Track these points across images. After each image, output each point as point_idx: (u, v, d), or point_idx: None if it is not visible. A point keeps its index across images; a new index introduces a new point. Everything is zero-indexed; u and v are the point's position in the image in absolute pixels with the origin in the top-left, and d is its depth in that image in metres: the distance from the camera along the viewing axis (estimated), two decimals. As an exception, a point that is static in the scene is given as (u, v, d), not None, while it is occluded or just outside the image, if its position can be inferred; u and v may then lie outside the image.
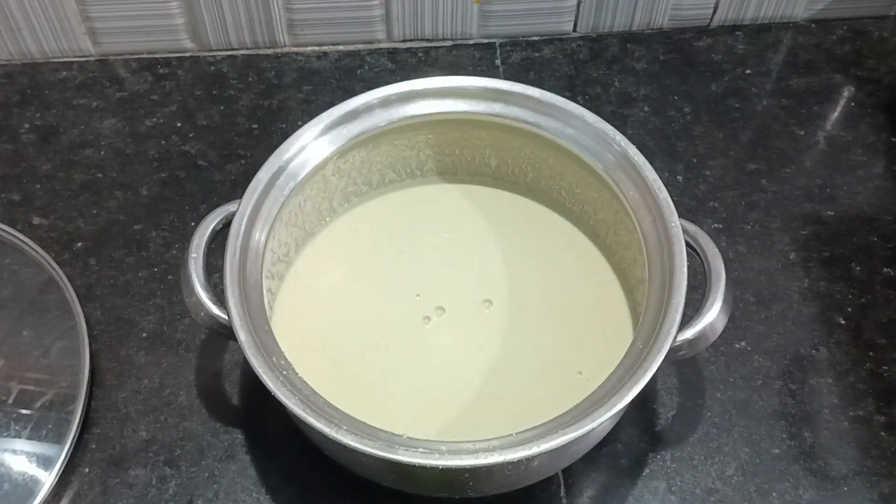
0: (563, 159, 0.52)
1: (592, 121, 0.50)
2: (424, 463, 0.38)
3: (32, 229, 0.61)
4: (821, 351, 0.56)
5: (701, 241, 0.46)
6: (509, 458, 0.38)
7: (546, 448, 0.38)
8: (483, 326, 0.51)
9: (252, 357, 0.41)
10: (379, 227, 0.55)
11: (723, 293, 0.44)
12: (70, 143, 0.67)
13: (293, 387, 0.41)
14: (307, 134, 0.50)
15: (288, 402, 0.40)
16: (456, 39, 0.74)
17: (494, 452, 0.39)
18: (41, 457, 0.50)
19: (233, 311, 0.43)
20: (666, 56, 0.73)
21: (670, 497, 0.50)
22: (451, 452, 0.39)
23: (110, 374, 0.55)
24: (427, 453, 0.39)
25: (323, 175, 0.52)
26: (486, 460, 0.38)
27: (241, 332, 0.42)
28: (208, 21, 0.70)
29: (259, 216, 0.48)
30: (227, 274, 0.44)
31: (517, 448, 0.39)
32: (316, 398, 0.41)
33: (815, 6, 0.74)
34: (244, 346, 0.42)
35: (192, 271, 0.45)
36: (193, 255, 0.46)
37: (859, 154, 0.66)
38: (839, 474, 0.51)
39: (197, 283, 0.45)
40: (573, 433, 0.39)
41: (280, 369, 0.42)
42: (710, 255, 0.46)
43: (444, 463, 0.38)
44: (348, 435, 0.39)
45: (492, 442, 0.39)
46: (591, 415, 0.40)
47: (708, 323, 0.44)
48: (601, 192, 0.51)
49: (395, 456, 0.38)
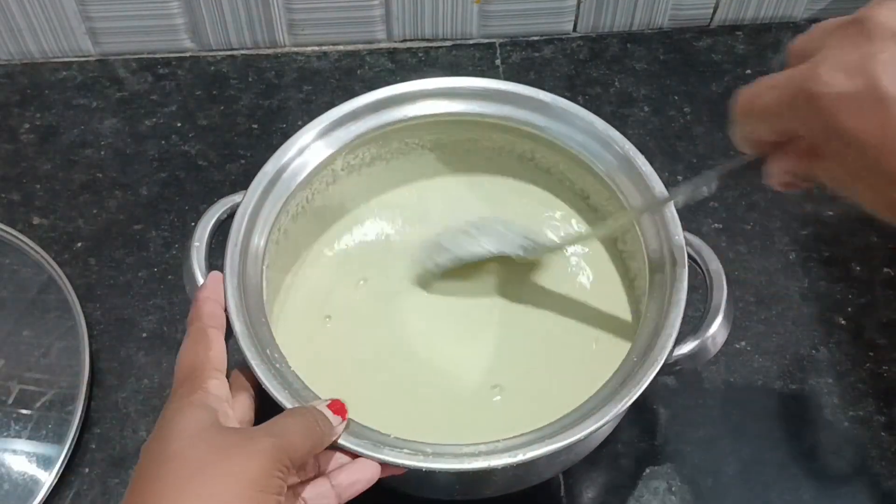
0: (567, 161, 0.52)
1: (602, 127, 0.50)
2: (408, 464, 0.38)
3: (32, 229, 0.61)
4: (821, 351, 0.56)
5: (704, 255, 0.46)
6: (493, 465, 0.38)
7: (531, 456, 0.38)
8: (484, 329, 0.51)
9: (245, 348, 0.41)
10: (380, 228, 0.55)
11: (724, 308, 0.44)
12: (70, 143, 0.67)
13: (284, 380, 0.41)
14: (310, 133, 0.50)
15: (277, 394, 0.40)
16: (456, 39, 0.74)
17: (479, 457, 0.38)
18: (41, 457, 0.50)
19: (230, 302, 0.43)
20: (666, 56, 0.73)
21: (670, 497, 0.50)
22: (435, 455, 0.39)
23: (110, 374, 0.55)
24: (411, 454, 0.39)
25: (329, 172, 0.52)
26: (469, 465, 0.38)
27: (237, 321, 0.42)
28: (208, 21, 0.70)
29: (263, 209, 0.48)
30: (227, 264, 0.44)
31: (501, 454, 0.38)
32: (306, 392, 0.41)
33: (815, 6, 0.74)
34: (238, 336, 0.42)
35: (194, 259, 0.45)
36: (196, 244, 0.46)
37: (859, 154, 0.66)
38: (839, 474, 0.51)
39: (198, 271, 0.45)
40: (558, 443, 0.39)
41: (273, 362, 0.42)
42: (713, 269, 0.46)
43: (428, 465, 0.38)
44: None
45: (479, 447, 0.39)
46: (579, 425, 0.39)
47: (709, 336, 0.44)
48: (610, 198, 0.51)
49: (379, 455, 0.38)
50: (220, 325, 0.42)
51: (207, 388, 0.38)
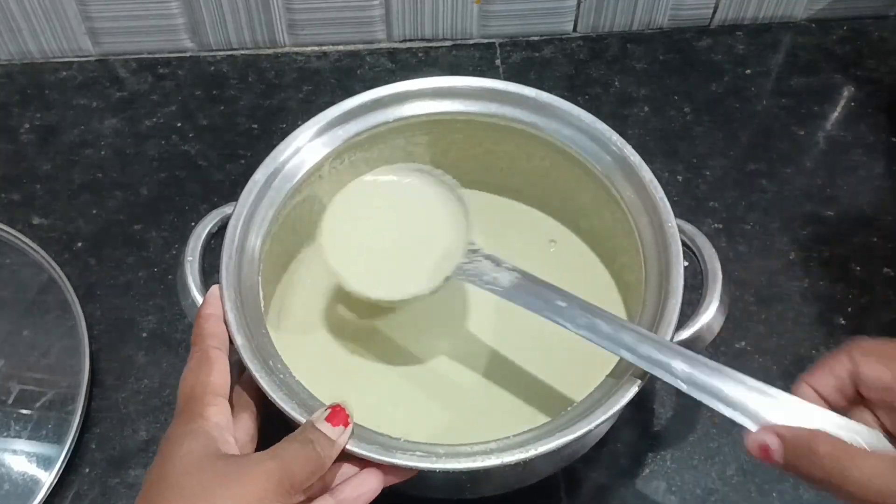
0: (561, 160, 0.52)
1: (589, 121, 0.50)
2: (422, 466, 0.38)
3: (32, 229, 0.61)
4: (821, 351, 0.55)
5: (698, 241, 0.46)
6: (507, 461, 0.38)
7: (544, 450, 0.38)
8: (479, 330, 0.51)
9: (249, 361, 0.41)
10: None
11: (720, 293, 0.44)
12: (70, 143, 0.67)
13: (290, 390, 0.41)
14: (303, 135, 0.50)
15: (285, 407, 0.40)
16: (456, 39, 0.74)
17: (492, 455, 0.38)
18: (41, 457, 0.50)
19: (229, 315, 0.42)
20: (666, 56, 0.73)
21: (670, 497, 0.50)
22: (448, 455, 0.39)
23: (110, 374, 0.55)
24: (424, 456, 0.39)
25: (319, 176, 0.51)
26: (483, 463, 0.38)
27: (238, 336, 0.42)
28: (208, 21, 0.70)
29: (255, 219, 0.47)
30: (222, 278, 0.44)
31: (514, 451, 0.38)
32: (313, 402, 0.41)
33: (815, 6, 0.74)
34: (240, 350, 0.41)
35: (188, 275, 0.45)
36: (189, 259, 0.46)
37: (859, 154, 0.66)
38: (839, 474, 0.50)
39: (193, 286, 0.45)
40: (571, 434, 0.39)
41: (277, 372, 0.42)
42: (707, 255, 0.46)
43: (442, 466, 0.38)
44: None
45: (489, 444, 0.39)
46: (587, 417, 0.39)
47: (705, 323, 0.44)
48: (597, 192, 0.51)
49: (392, 460, 0.38)
50: (222, 343, 0.41)
51: (207, 416, 0.38)
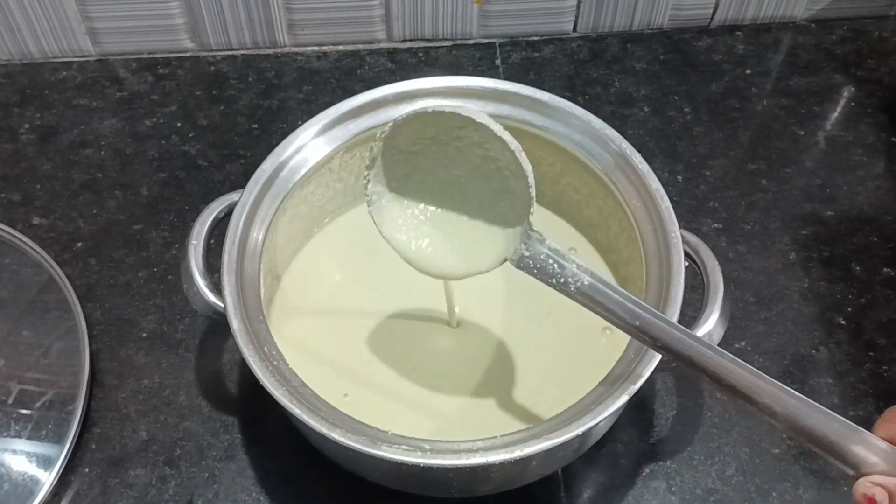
0: (566, 162, 0.52)
1: (599, 126, 0.50)
2: (406, 460, 0.38)
3: (32, 229, 0.61)
4: (821, 351, 0.56)
5: (701, 252, 0.46)
6: (491, 461, 0.38)
7: (529, 452, 0.38)
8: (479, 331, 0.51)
9: (243, 345, 0.41)
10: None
11: (720, 304, 0.44)
12: (70, 143, 0.67)
13: (282, 377, 0.41)
14: (310, 130, 0.50)
15: (274, 391, 0.40)
16: (456, 39, 0.74)
17: (477, 454, 0.38)
18: (41, 457, 0.50)
19: (228, 300, 0.43)
20: (666, 56, 0.73)
21: (670, 497, 0.50)
22: (434, 451, 0.39)
23: (110, 374, 0.55)
24: (410, 451, 0.39)
25: (326, 170, 0.52)
26: (468, 461, 0.38)
27: (235, 319, 0.42)
28: (208, 21, 0.70)
29: (260, 208, 0.48)
30: (224, 262, 0.45)
31: (499, 450, 0.38)
32: (304, 390, 0.41)
33: (815, 6, 0.74)
34: (236, 334, 0.42)
35: (192, 258, 0.46)
36: (194, 243, 0.46)
37: (859, 154, 0.66)
38: (839, 474, 0.50)
39: (195, 270, 0.45)
40: (557, 438, 0.39)
41: (270, 359, 0.42)
42: (709, 267, 0.46)
43: (426, 462, 0.38)
44: (333, 428, 0.39)
45: (476, 443, 0.39)
46: (576, 422, 0.39)
47: (705, 333, 0.44)
48: (605, 199, 0.51)
49: (377, 452, 0.38)
50: None
51: None
